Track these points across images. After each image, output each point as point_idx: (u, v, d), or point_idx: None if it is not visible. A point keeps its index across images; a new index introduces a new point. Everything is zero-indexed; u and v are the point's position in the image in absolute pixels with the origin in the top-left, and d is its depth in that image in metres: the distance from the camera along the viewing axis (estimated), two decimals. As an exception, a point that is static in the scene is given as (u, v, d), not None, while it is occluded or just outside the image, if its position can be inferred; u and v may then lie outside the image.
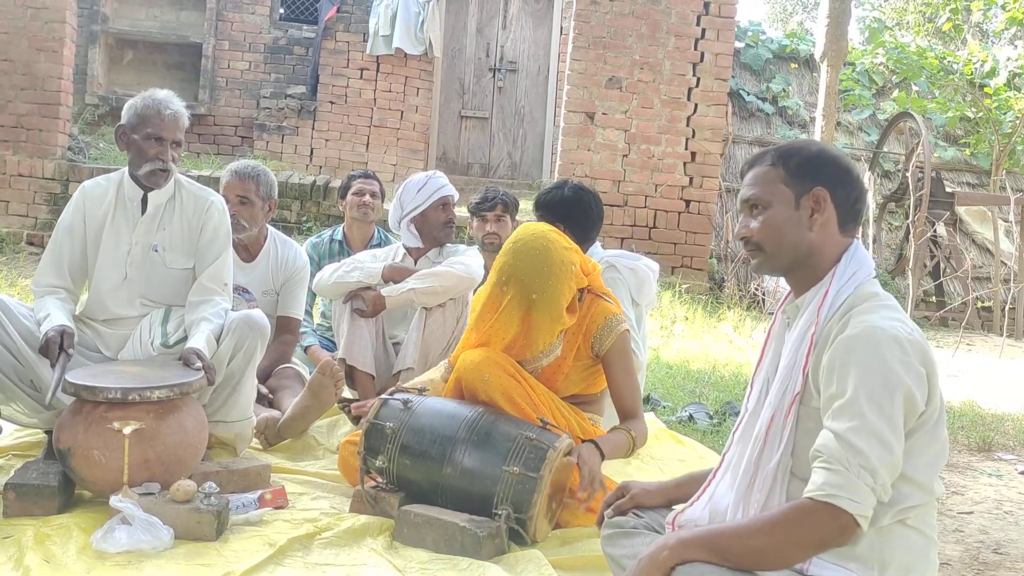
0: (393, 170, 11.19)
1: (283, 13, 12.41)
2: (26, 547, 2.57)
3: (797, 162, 2.03)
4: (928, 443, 1.88)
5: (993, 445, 4.69)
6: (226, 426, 3.41)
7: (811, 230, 2.00)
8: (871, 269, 2.01)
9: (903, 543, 1.90)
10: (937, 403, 1.89)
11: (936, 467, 1.92)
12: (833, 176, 2.01)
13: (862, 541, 1.86)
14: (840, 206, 2.00)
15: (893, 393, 1.81)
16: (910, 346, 1.85)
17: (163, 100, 3.37)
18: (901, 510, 1.88)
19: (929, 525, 1.94)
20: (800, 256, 2.02)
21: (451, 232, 4.30)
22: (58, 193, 9.45)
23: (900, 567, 1.89)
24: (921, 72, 12.61)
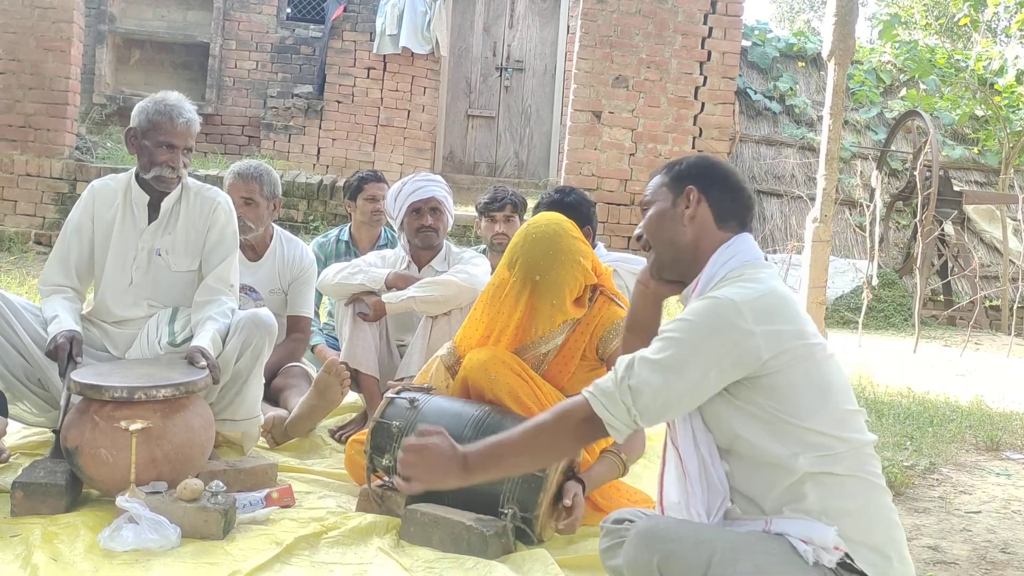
0: (400, 169, 11.19)
1: (290, 12, 12.42)
2: (34, 545, 2.58)
3: (677, 169, 2.29)
4: (796, 389, 1.99)
5: (1001, 444, 4.68)
6: (233, 424, 3.42)
7: (685, 224, 2.22)
8: (751, 257, 2.17)
9: (840, 491, 1.98)
10: (794, 354, 2.00)
11: (832, 414, 2.01)
12: (706, 178, 2.24)
13: (809, 497, 1.96)
14: (715, 204, 2.21)
15: (703, 343, 1.98)
16: (746, 308, 1.99)
17: (175, 106, 3.34)
18: (819, 459, 1.97)
19: (866, 471, 2.02)
20: (680, 251, 2.23)
21: (428, 237, 4.15)
22: (66, 193, 9.47)
23: (848, 514, 1.97)
24: (930, 70, 12.57)
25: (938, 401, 5.61)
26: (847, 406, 2.05)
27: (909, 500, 3.73)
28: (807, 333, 2.04)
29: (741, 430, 2.04)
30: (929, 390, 5.97)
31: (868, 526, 1.98)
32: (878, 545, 1.97)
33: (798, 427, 1.99)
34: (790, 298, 2.07)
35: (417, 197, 4.13)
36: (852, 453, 2.01)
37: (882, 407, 5.25)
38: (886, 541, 1.98)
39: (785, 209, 11.40)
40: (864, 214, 9.87)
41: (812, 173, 11.08)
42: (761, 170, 11.77)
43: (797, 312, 2.06)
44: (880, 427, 4.79)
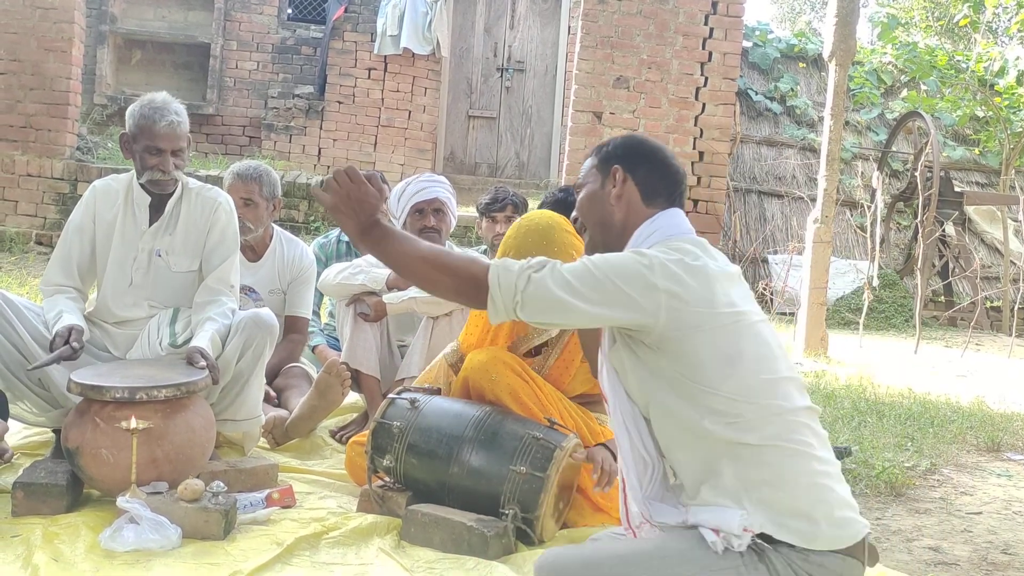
0: (401, 170, 11.20)
1: (291, 13, 12.43)
2: (34, 546, 2.58)
3: (605, 150, 2.32)
4: (701, 356, 2.02)
5: (1002, 445, 4.67)
6: (234, 425, 3.42)
7: (613, 204, 2.26)
8: (676, 231, 2.21)
9: (756, 462, 2.00)
10: (697, 320, 2.03)
11: (744, 382, 2.03)
12: (632, 157, 2.28)
13: (725, 473, 1.99)
14: (641, 182, 2.26)
15: (610, 279, 2.03)
16: (658, 264, 2.05)
17: (159, 108, 3.30)
18: (728, 425, 2.00)
19: (788, 439, 2.02)
20: (610, 230, 2.27)
21: (430, 238, 3.98)
22: (67, 193, 9.47)
23: (767, 484, 1.98)
24: (931, 71, 12.57)
25: (939, 402, 5.61)
26: (765, 375, 2.06)
27: (910, 501, 3.73)
28: (717, 302, 2.06)
29: (654, 394, 2.08)
30: (930, 391, 5.97)
31: (790, 493, 1.98)
32: (803, 510, 1.96)
33: (705, 391, 2.02)
34: (706, 268, 2.09)
35: (420, 198, 4.13)
36: (770, 421, 2.01)
37: (883, 408, 5.25)
38: (812, 505, 1.97)
39: (786, 210, 11.40)
40: (865, 215, 9.87)
41: (813, 174, 11.08)
42: (762, 171, 11.77)
43: (710, 281, 2.07)
44: (881, 428, 4.79)
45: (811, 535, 1.95)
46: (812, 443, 2.05)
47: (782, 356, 2.14)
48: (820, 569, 1.95)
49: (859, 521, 2.03)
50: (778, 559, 1.96)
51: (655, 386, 2.08)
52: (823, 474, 2.03)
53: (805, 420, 2.07)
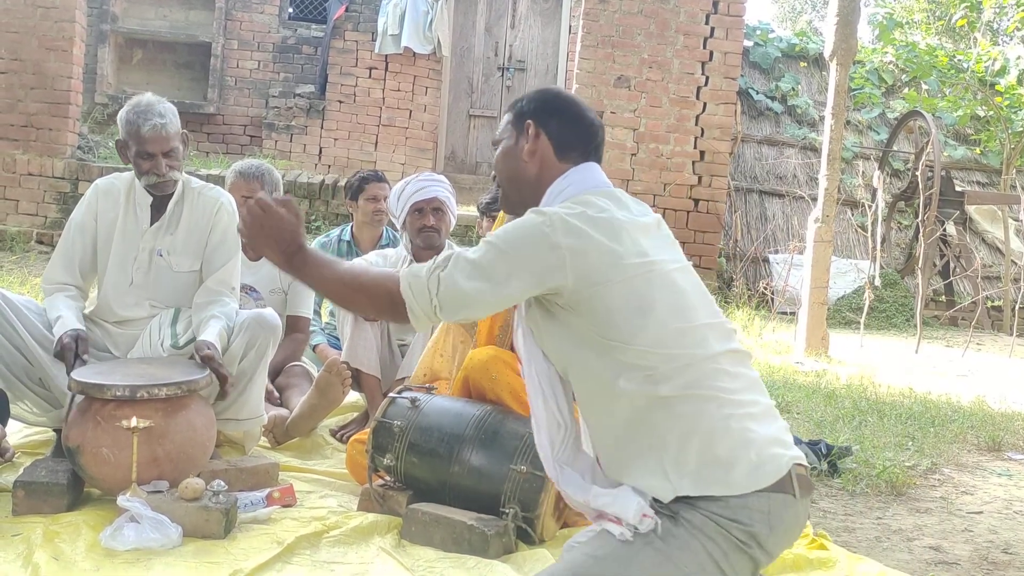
0: (402, 169, 11.20)
1: (292, 12, 12.43)
2: (35, 545, 2.58)
3: (520, 104, 2.29)
4: (612, 311, 1.99)
5: (1003, 445, 4.67)
6: (237, 424, 3.41)
7: (526, 160, 2.23)
8: (590, 185, 2.18)
9: (668, 416, 1.97)
10: (605, 274, 2.00)
11: (657, 333, 1.99)
12: (544, 111, 2.24)
13: (641, 433, 1.97)
14: (554, 137, 2.22)
15: (513, 250, 2.02)
16: (559, 222, 2.02)
17: (143, 112, 3.26)
18: (643, 380, 1.97)
19: (705, 386, 1.99)
20: (524, 186, 2.25)
21: (430, 237, 4.11)
22: (68, 192, 9.48)
23: (684, 437, 1.95)
24: (931, 71, 12.57)
25: (940, 401, 5.61)
26: (678, 324, 2.02)
27: (911, 500, 3.73)
28: (624, 253, 2.03)
29: (571, 354, 2.06)
30: (931, 390, 5.97)
31: (707, 442, 1.94)
32: (721, 457, 1.93)
33: (618, 346, 1.99)
34: (612, 219, 2.06)
35: (420, 197, 4.12)
36: (683, 371, 1.98)
37: (884, 407, 5.24)
38: (731, 450, 1.94)
39: (787, 209, 11.40)
40: (866, 214, 9.88)
41: (814, 173, 11.08)
42: (763, 170, 11.77)
43: (616, 232, 2.05)
44: (882, 427, 4.79)
45: (728, 481, 1.92)
46: (730, 387, 2.01)
47: (701, 304, 2.10)
48: (744, 512, 1.91)
49: (784, 455, 1.98)
50: (695, 516, 1.92)
51: (571, 345, 2.05)
52: (743, 416, 1.99)
53: (725, 366, 2.03)
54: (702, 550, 1.91)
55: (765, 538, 1.93)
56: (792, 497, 1.95)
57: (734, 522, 1.91)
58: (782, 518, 1.94)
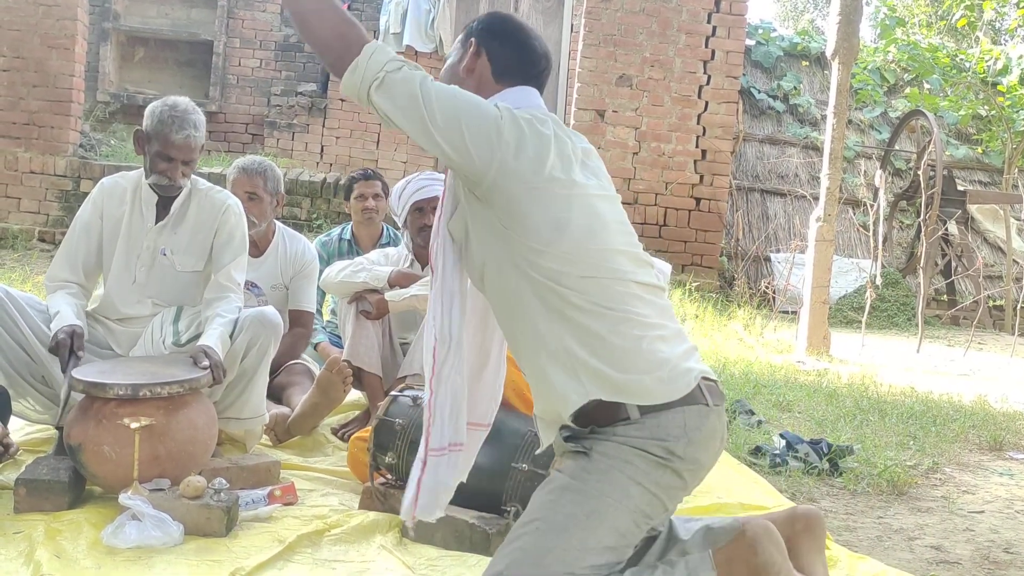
0: (403, 167, 11.20)
1: (294, 11, 12.42)
2: (37, 542, 2.58)
3: (471, 25, 2.35)
4: (527, 216, 2.04)
5: (1004, 444, 4.67)
6: (238, 423, 3.42)
7: (462, 75, 2.28)
8: (523, 105, 2.19)
9: (583, 327, 2.03)
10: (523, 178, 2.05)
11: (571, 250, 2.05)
12: (490, 32, 2.29)
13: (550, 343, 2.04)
14: (494, 58, 2.26)
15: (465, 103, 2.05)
16: (508, 114, 2.07)
17: (180, 118, 3.28)
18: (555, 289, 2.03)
19: (612, 305, 2.04)
20: None
21: (429, 237, 4.14)
22: (69, 190, 9.48)
23: (593, 350, 2.01)
24: (933, 70, 12.56)
25: (941, 401, 5.60)
26: (594, 244, 2.07)
27: (912, 500, 3.73)
28: (550, 167, 2.07)
29: (489, 255, 2.10)
30: (932, 390, 5.97)
31: (619, 358, 2.01)
32: (631, 374, 2.00)
33: (532, 250, 2.04)
34: (550, 136, 2.10)
35: (420, 196, 4.12)
36: (595, 286, 2.04)
37: (885, 407, 5.24)
38: (641, 366, 2.01)
39: (789, 208, 11.40)
40: (868, 213, 9.88)
41: (816, 172, 11.08)
42: (765, 169, 11.76)
43: (550, 146, 2.09)
44: (883, 427, 4.79)
45: (639, 391, 1.99)
46: (642, 312, 2.07)
47: (619, 231, 2.15)
48: (658, 429, 1.98)
49: (693, 369, 2.06)
50: (607, 446, 1.99)
51: (490, 246, 2.09)
52: (655, 339, 2.05)
53: (637, 292, 2.09)
54: (621, 475, 1.97)
55: (684, 449, 1.99)
56: (705, 407, 2.03)
57: (650, 439, 1.98)
58: (699, 428, 2.02)
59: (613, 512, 1.96)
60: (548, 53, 2.33)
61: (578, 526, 1.95)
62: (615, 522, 1.97)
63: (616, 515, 1.97)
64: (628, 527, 1.99)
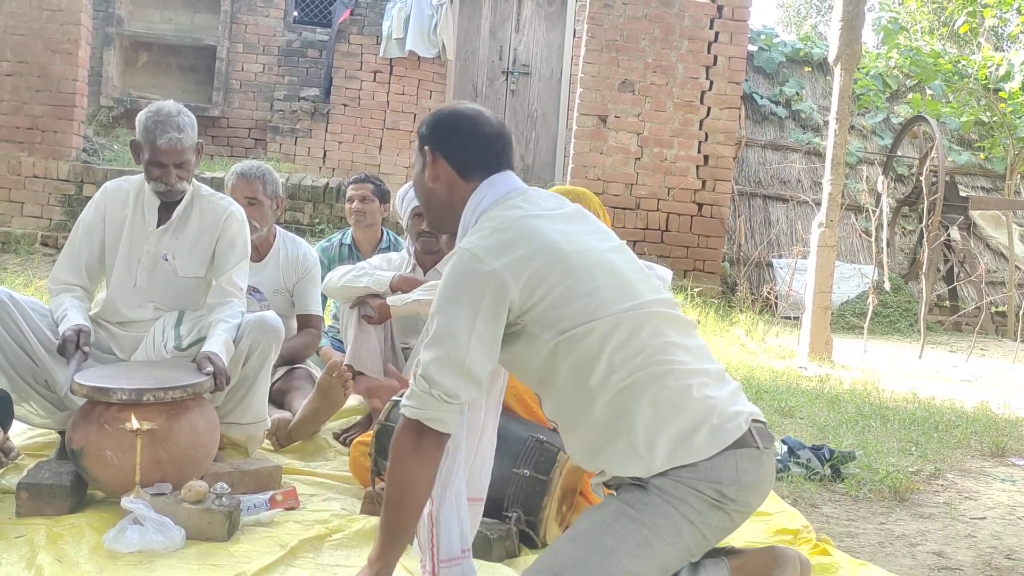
0: (406, 172, 11.20)
1: (297, 16, 12.45)
2: (38, 546, 2.58)
3: (420, 130, 2.31)
4: (559, 292, 2.03)
5: (1006, 450, 4.67)
6: (240, 428, 3.42)
7: (430, 184, 2.25)
8: (499, 195, 2.19)
9: (631, 399, 2.01)
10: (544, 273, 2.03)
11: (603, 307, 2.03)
12: (439, 134, 2.25)
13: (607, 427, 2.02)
14: (452, 159, 2.23)
15: (456, 299, 2.02)
16: (479, 250, 2.04)
17: (162, 122, 3.27)
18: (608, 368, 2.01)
19: (657, 361, 2.03)
20: (440, 208, 2.28)
21: (428, 243, 4.12)
22: (72, 194, 9.50)
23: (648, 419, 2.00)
24: (935, 76, 12.56)
25: (943, 407, 5.60)
26: (626, 302, 2.06)
27: (914, 506, 3.73)
28: (552, 245, 2.06)
29: (538, 370, 2.09)
30: (934, 396, 5.96)
31: (672, 416, 2.00)
32: (687, 427, 2.00)
33: (576, 337, 2.02)
34: (525, 219, 2.10)
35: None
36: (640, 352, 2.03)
37: (887, 412, 5.24)
38: (695, 415, 2.01)
39: (791, 214, 11.39)
40: (870, 219, 9.87)
41: (818, 178, 11.08)
42: (767, 175, 11.76)
43: (538, 229, 2.08)
44: (885, 432, 4.78)
45: (695, 447, 1.99)
46: (683, 359, 2.06)
47: (640, 280, 2.15)
48: (713, 471, 1.99)
49: (742, 412, 2.05)
50: (665, 482, 1.99)
51: (537, 361, 2.08)
52: (700, 385, 2.05)
53: (674, 339, 2.08)
54: (676, 513, 1.98)
55: (736, 492, 2.01)
56: (756, 450, 2.04)
57: (704, 481, 1.98)
58: (749, 471, 2.02)
59: (663, 546, 1.99)
60: (502, 130, 2.29)
61: (627, 553, 1.97)
62: (663, 556, 1.99)
63: (665, 550, 1.99)
64: (672, 563, 2.02)
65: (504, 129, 2.30)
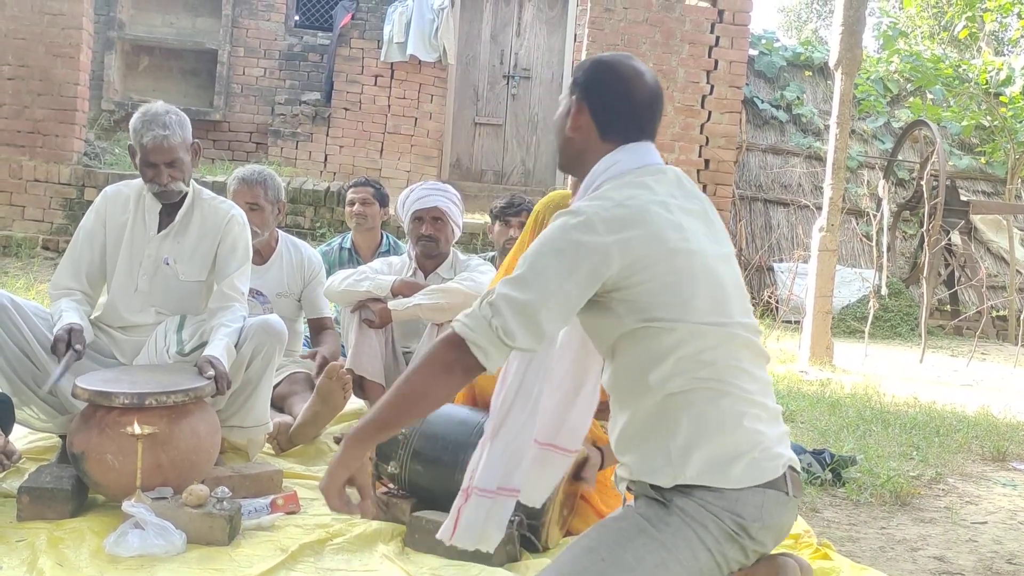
0: (407, 176, 11.21)
1: (298, 20, 12.45)
2: (39, 550, 2.59)
3: (575, 74, 2.23)
4: (656, 285, 1.98)
5: (1008, 455, 4.67)
6: (242, 431, 3.42)
7: (569, 133, 2.19)
8: (633, 166, 2.12)
9: (684, 403, 1.98)
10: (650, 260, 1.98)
11: (692, 316, 1.99)
12: (593, 88, 2.18)
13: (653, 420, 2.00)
14: (597, 116, 2.16)
15: (556, 256, 1.95)
16: (597, 219, 1.97)
17: (149, 122, 3.27)
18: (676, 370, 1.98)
19: (723, 380, 2.00)
20: (571, 155, 2.22)
21: (426, 246, 4.17)
22: (74, 198, 9.50)
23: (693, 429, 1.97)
24: (936, 80, 12.57)
25: (944, 411, 5.60)
26: (715, 317, 2.02)
27: (915, 510, 3.72)
28: (663, 237, 2.00)
29: (612, 342, 2.06)
30: (935, 400, 5.96)
31: (717, 435, 1.97)
32: (727, 452, 1.97)
33: (658, 330, 1.98)
34: (647, 205, 2.02)
35: (420, 205, 4.15)
36: (710, 365, 2.00)
37: (888, 417, 5.24)
38: (739, 444, 1.98)
39: (792, 218, 11.40)
40: (871, 223, 9.87)
41: (819, 182, 11.08)
42: (768, 179, 11.77)
43: (654, 217, 2.01)
44: (886, 437, 4.78)
45: (729, 474, 1.96)
46: (748, 387, 2.03)
47: (737, 298, 2.10)
48: (738, 504, 1.96)
49: (783, 456, 2.03)
50: (689, 504, 1.97)
51: (614, 334, 2.04)
52: (755, 417, 2.02)
53: (746, 366, 2.05)
54: (695, 537, 1.96)
55: (757, 530, 1.98)
56: (785, 495, 2.01)
57: (728, 512, 1.96)
58: (773, 513, 2.00)
59: (678, 570, 1.96)
60: (655, 98, 2.21)
61: (644, 572, 1.94)
62: None
63: (680, 574, 1.96)
64: None
65: (658, 96, 2.23)
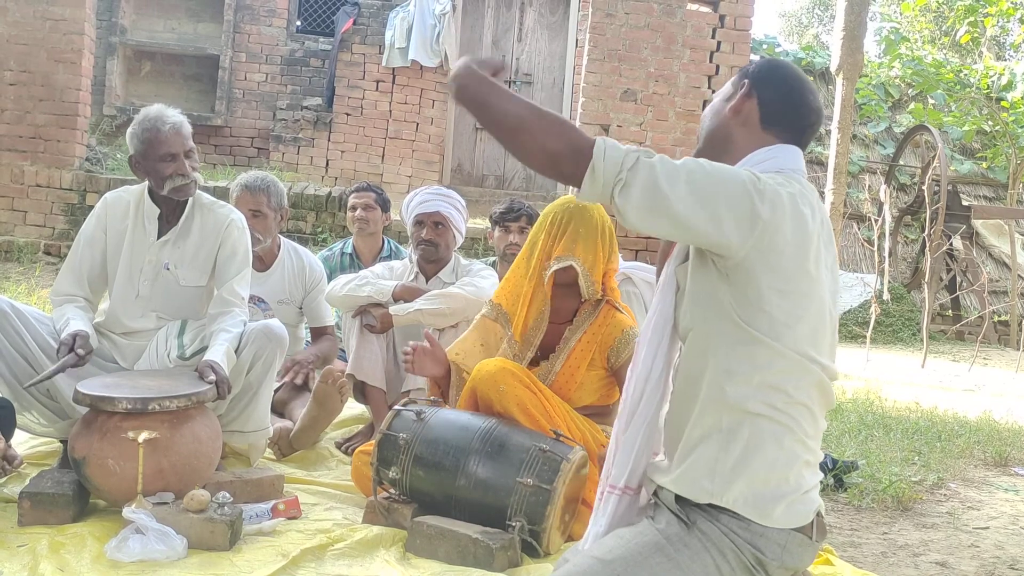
0: (408, 182, 11.21)
1: (300, 25, 12.47)
2: (40, 556, 2.58)
3: (747, 67, 2.21)
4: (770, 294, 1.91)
5: (1009, 460, 4.66)
6: (243, 436, 3.42)
7: (728, 114, 2.13)
8: (790, 166, 2.08)
9: (747, 425, 1.93)
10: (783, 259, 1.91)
11: (790, 343, 1.93)
12: (766, 76, 2.14)
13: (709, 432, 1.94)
14: (764, 104, 2.11)
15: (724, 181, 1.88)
16: (771, 191, 1.91)
17: (158, 117, 3.32)
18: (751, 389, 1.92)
19: (789, 415, 1.95)
20: (718, 142, 2.14)
21: (427, 251, 4.16)
22: (75, 203, 9.51)
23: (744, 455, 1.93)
24: (937, 85, 12.58)
25: (946, 416, 5.59)
26: (808, 350, 1.96)
27: (917, 515, 3.72)
28: (804, 254, 1.94)
29: (700, 322, 1.99)
30: (937, 405, 5.96)
31: (767, 467, 1.93)
32: (771, 488, 1.93)
33: (750, 339, 1.92)
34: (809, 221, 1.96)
35: (421, 210, 4.15)
36: (783, 397, 1.94)
37: (890, 422, 5.23)
38: (783, 484, 1.94)
39: (793, 223, 11.38)
40: (872, 228, 9.87)
41: (820, 187, 11.08)
42: (769, 184, 11.76)
43: (810, 236, 1.95)
44: (888, 442, 4.77)
45: (765, 512, 1.93)
46: (809, 430, 1.99)
47: (830, 335, 2.04)
48: (761, 539, 1.93)
49: (815, 503, 2.00)
50: (712, 528, 1.94)
51: (704, 312, 1.97)
52: (804, 463, 1.98)
53: (814, 408, 2.00)
54: (712, 564, 1.93)
55: (774, 569, 1.96)
56: (808, 539, 1.98)
57: (750, 545, 1.93)
58: (793, 555, 1.97)
59: None
60: (821, 110, 2.19)
61: None
62: None
63: None
64: None
65: (821, 114, 2.20)
